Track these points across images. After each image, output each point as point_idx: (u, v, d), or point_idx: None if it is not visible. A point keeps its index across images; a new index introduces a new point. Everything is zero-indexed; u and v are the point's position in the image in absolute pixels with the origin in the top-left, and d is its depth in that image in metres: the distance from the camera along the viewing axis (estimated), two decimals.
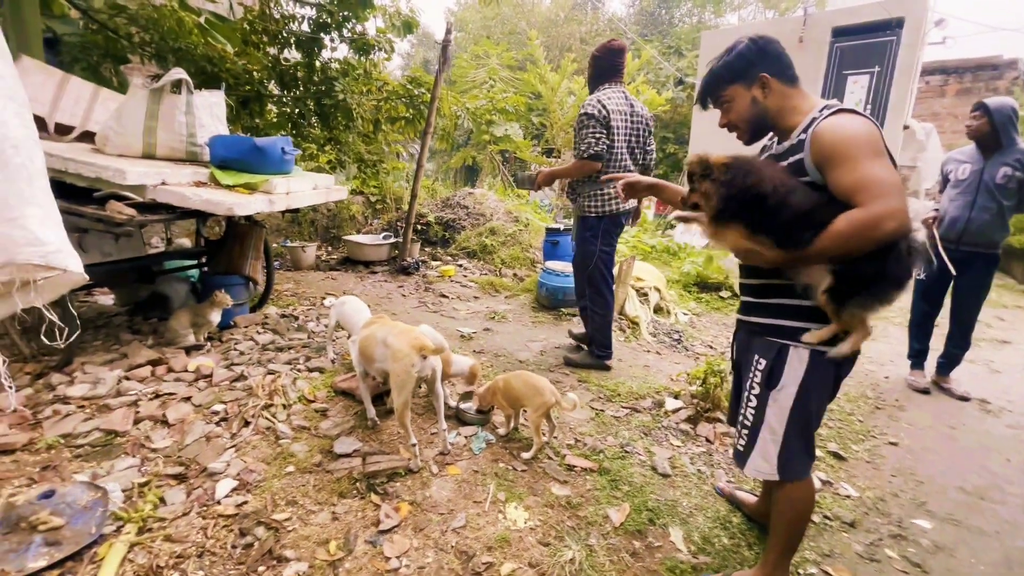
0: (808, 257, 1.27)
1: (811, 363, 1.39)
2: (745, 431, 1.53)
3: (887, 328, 4.66)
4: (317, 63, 6.21)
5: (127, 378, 2.62)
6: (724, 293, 5.21)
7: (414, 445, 2.06)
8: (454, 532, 1.77)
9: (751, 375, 1.50)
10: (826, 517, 2.07)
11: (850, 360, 1.43)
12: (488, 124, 10.69)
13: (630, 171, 3.00)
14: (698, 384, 2.85)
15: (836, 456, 2.55)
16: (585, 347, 3.40)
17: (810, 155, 1.29)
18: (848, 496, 2.24)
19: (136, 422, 2.27)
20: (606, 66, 3.01)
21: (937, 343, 3.54)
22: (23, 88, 1.42)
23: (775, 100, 1.43)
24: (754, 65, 1.43)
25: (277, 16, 5.95)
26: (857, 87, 7.62)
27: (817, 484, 2.28)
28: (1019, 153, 3.06)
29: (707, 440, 2.54)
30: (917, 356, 3.56)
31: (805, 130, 1.34)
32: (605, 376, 3.18)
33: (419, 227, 6.12)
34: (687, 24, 18.55)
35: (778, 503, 1.55)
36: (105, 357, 2.83)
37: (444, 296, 4.64)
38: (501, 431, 2.40)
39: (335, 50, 6.06)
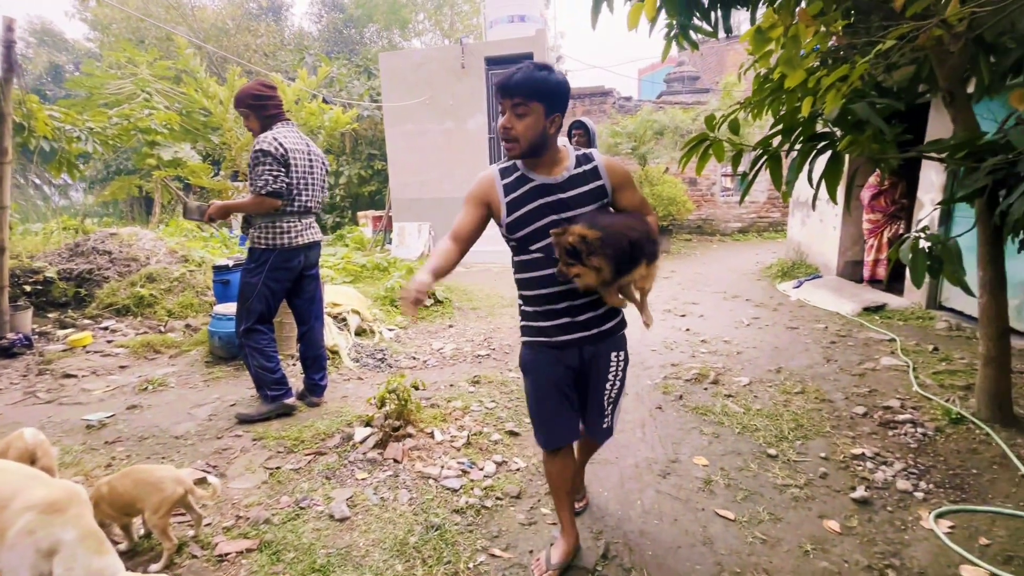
0: None
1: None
2: (611, 407, 1.81)
3: None
4: None
5: None
6: (428, 301, 5.44)
7: None
8: None
9: (613, 367, 1.75)
10: (498, 499, 2.25)
11: None
12: (152, 145, 8.82)
13: (311, 209, 3.00)
14: (392, 403, 2.80)
15: (512, 434, 2.84)
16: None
17: (610, 181, 1.63)
18: (518, 469, 2.49)
19: None
20: (274, 106, 2.88)
21: None
22: None
23: (552, 139, 1.59)
24: (562, 102, 1.54)
25: None
26: None
27: (492, 468, 2.48)
28: None
29: (395, 461, 2.49)
30: None
31: (581, 164, 1.62)
32: (288, 424, 2.85)
33: (31, 288, 4.51)
34: (378, 45, 19.12)
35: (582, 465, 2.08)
36: None
37: (70, 376, 3.48)
38: (123, 546, 1.84)
39: None
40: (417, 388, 2.84)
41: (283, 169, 2.79)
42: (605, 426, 1.83)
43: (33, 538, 1.31)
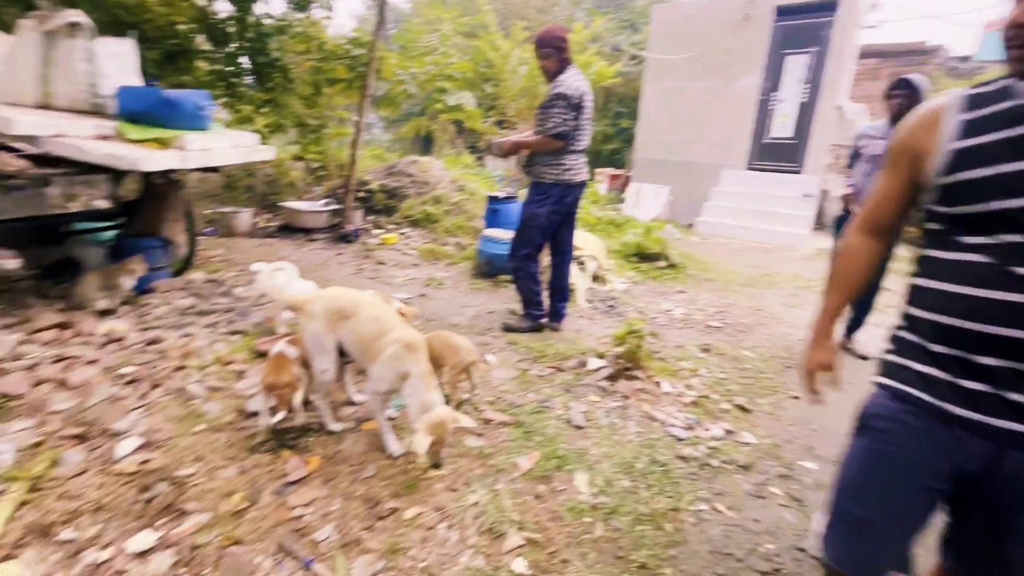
0: None
1: None
2: None
3: (808, 295, 4.96)
4: (251, 18, 5.86)
5: (28, 342, 2.48)
6: (661, 263, 5.39)
7: None
8: (362, 482, 1.81)
9: None
10: (724, 462, 2.23)
11: None
12: (440, 92, 10.47)
13: (585, 150, 3.24)
14: (625, 343, 2.96)
15: (741, 408, 2.73)
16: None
17: None
18: (747, 443, 2.41)
19: (35, 385, 2.17)
20: (568, 49, 3.12)
21: None
22: None
23: None
24: None
25: None
26: (795, 66, 7.88)
27: (720, 433, 2.45)
28: None
29: (624, 396, 2.66)
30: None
31: None
32: (535, 338, 3.26)
33: (362, 194, 5.98)
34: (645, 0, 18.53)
35: None
36: (3, 321, 2.66)
37: (382, 263, 4.60)
38: None
39: (267, 3, 5.75)
40: (653, 336, 2.92)
41: (573, 113, 3.03)
42: None
43: (396, 363, 1.84)
